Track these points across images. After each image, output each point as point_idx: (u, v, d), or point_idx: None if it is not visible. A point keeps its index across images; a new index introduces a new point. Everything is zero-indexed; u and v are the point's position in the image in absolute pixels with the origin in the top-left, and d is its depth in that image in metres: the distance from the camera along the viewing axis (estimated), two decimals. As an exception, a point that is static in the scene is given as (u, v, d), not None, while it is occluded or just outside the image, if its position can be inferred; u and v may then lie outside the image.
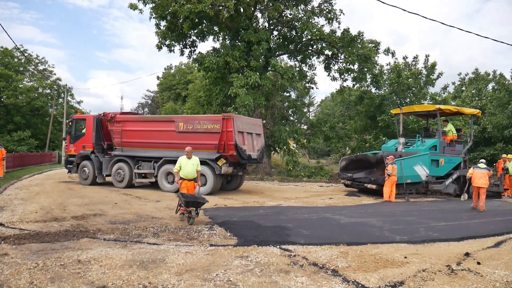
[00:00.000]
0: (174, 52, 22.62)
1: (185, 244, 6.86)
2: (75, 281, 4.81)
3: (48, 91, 43.31)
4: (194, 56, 23.05)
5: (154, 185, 15.76)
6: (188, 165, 9.40)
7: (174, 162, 14.53)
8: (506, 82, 28.52)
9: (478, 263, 6.06)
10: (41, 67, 44.28)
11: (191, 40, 23.09)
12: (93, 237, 7.24)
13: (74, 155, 17.13)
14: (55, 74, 45.16)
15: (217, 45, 23.91)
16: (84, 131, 17.17)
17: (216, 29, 23.16)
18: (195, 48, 23.45)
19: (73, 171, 17.16)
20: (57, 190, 15.01)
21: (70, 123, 17.68)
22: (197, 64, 23.05)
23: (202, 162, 14.12)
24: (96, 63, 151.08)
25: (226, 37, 23.38)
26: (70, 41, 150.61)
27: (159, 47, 22.16)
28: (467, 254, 6.61)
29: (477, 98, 31.42)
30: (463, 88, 34.13)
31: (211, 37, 23.83)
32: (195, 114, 24.85)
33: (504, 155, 18.55)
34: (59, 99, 44.15)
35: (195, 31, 22.48)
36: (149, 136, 15.57)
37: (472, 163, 23.02)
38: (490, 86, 33.31)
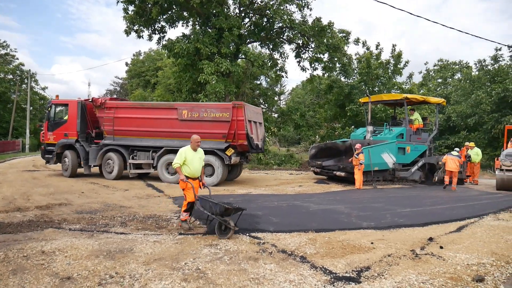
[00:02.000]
0: (142, 37, 22.13)
1: (154, 233, 6.79)
2: (38, 273, 4.68)
3: (11, 76, 41.66)
4: (164, 42, 22.64)
5: (125, 176, 15.46)
6: (195, 160, 7.32)
7: (176, 152, 14.23)
8: (469, 72, 29.44)
9: (441, 247, 6.26)
10: (2, 51, 42.49)
11: (160, 25, 22.62)
12: (58, 227, 7.06)
13: (53, 144, 15.68)
14: (17, 59, 43.48)
15: (187, 31, 23.53)
16: (66, 117, 15.84)
17: (186, 15, 22.75)
18: (165, 34, 23.02)
19: (52, 161, 15.78)
20: (20, 179, 14.55)
21: (49, 108, 16.15)
22: (166, 51, 22.67)
23: (209, 152, 13.84)
24: (60, 48, 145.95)
25: (197, 23, 23.03)
26: (32, 25, 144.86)
27: (127, 33, 21.60)
28: (430, 239, 6.82)
29: (442, 87, 32.30)
30: (432, 74, 34.96)
31: (181, 23, 23.44)
32: (164, 101, 24.43)
33: (467, 143, 19.18)
34: (22, 85, 42.60)
35: (164, 17, 22.03)
36: (147, 124, 14.63)
37: (437, 151, 23.77)
38: (456, 76, 34.33)
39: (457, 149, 15.81)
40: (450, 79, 34.56)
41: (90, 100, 15.39)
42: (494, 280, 4.81)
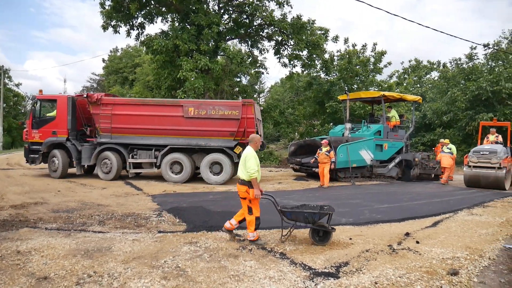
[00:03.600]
0: (119, 33, 21.83)
1: (133, 232, 6.73)
2: (14, 273, 4.59)
3: (-18, 72, 40.48)
4: (142, 39, 22.37)
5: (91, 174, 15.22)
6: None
7: (180, 150, 14.09)
8: (445, 71, 30.05)
9: (417, 242, 6.39)
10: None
11: (138, 21, 22.33)
12: (33, 226, 6.92)
13: (38, 143, 14.59)
14: (-10, 54, 42.18)
15: (165, 27, 23.17)
16: (53, 114, 14.95)
17: (165, 10, 22.51)
18: (143, 30, 22.72)
19: (38, 161, 14.69)
20: (-6, 177, 14.18)
21: (34, 104, 15.02)
22: (145, 47, 22.39)
23: (218, 150, 13.92)
24: (34, 43, 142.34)
25: (176, 19, 22.81)
26: (4, 19, 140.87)
27: (105, 28, 21.24)
28: (407, 234, 6.96)
29: (418, 86, 32.86)
30: (406, 76, 35.59)
31: (159, 19, 23.18)
32: (143, 98, 24.11)
33: (442, 140, 19.59)
34: (-6, 81, 41.44)
35: (142, 12, 21.75)
36: (149, 121, 13.97)
37: (413, 148, 24.20)
38: (433, 75, 34.99)
39: (450, 146, 16.56)
40: (424, 78, 35.20)
41: (85, 95, 14.58)
42: (468, 273, 4.95)
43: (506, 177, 14.25)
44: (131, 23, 21.98)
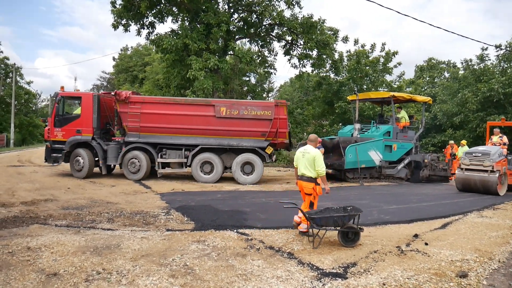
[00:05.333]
0: (129, 31, 21.90)
1: (141, 230, 6.77)
2: (24, 269, 4.64)
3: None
4: (152, 37, 22.47)
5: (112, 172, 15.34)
6: None
7: (211, 150, 14.13)
8: (456, 72, 29.78)
9: (426, 244, 6.35)
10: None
11: (149, 21, 22.43)
12: (44, 223, 7.00)
13: (61, 142, 14.06)
14: (1, 52, 42.69)
15: (175, 26, 23.17)
16: (77, 111, 14.59)
17: (175, 10, 22.58)
18: (154, 29, 22.82)
19: (61, 161, 14.13)
20: (5, 175, 14.35)
21: (58, 102, 14.31)
22: (154, 46, 22.47)
23: (250, 150, 14.03)
24: (44, 41, 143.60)
25: (185, 18, 22.87)
26: (15, 18, 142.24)
27: (115, 27, 21.34)
28: (416, 236, 6.92)
29: (431, 86, 32.58)
30: (423, 75, 35.27)
31: (169, 18, 23.26)
32: (153, 96, 24.20)
33: (451, 142, 19.42)
34: (6, 79, 41.90)
35: (153, 12, 21.83)
36: (179, 120, 13.78)
37: (423, 149, 24.03)
38: (443, 76, 34.69)
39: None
40: (437, 79, 34.89)
41: (113, 93, 14.19)
42: (477, 276, 4.91)
43: (502, 181, 13.21)
44: (141, 22, 22.07)
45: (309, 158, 6.52)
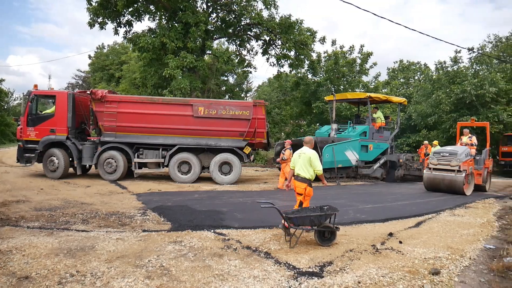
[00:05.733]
0: (105, 29, 21.56)
1: (117, 231, 6.68)
2: (-6, 272, 4.52)
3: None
4: (129, 36, 22.17)
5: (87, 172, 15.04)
6: None
7: (189, 150, 14.00)
8: (431, 73, 30.41)
9: (400, 242, 6.47)
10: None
11: (126, 19, 22.12)
12: (15, 225, 6.82)
13: (34, 141, 13.64)
14: (-28, 49, 41.34)
15: (153, 25, 22.95)
16: (51, 110, 14.09)
17: (153, 8, 22.35)
18: (131, 27, 22.52)
19: (34, 161, 13.72)
20: (-25, 175, 13.91)
21: (31, 101, 13.79)
22: (131, 44, 22.20)
23: (228, 150, 13.98)
24: (17, 38, 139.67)
25: (163, 17, 22.66)
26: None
27: (91, 25, 20.97)
28: (390, 234, 7.04)
29: (405, 87, 33.19)
30: (395, 76, 35.90)
31: (147, 17, 23.00)
32: (130, 95, 23.89)
33: (425, 142, 19.81)
34: (-23, 77, 40.67)
35: (130, 10, 21.55)
36: (157, 120, 13.64)
37: (398, 149, 24.46)
38: (417, 77, 35.41)
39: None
40: (412, 80, 35.57)
41: (88, 92, 13.77)
42: (449, 273, 5.03)
43: (468, 181, 13.32)
44: (118, 20, 21.76)
45: (305, 159, 6.71)
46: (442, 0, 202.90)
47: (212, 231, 6.84)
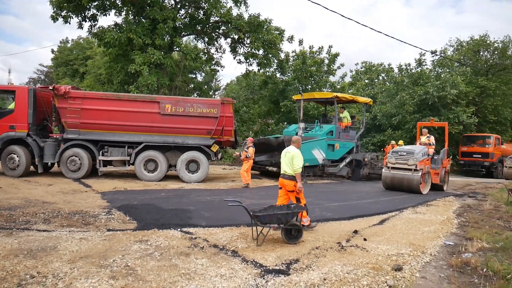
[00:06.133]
0: (70, 23, 20.91)
1: (80, 230, 6.51)
2: None
3: None
4: (94, 31, 21.60)
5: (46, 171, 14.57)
6: None
7: (155, 148, 13.73)
8: (395, 75, 31.22)
9: (365, 239, 6.62)
10: None
11: (91, 13, 21.52)
12: (-29, 225, 6.53)
13: None
14: None
15: (119, 20, 22.38)
16: (11, 106, 13.58)
17: (119, 3, 21.86)
18: (96, 22, 21.93)
19: None
20: None
21: None
22: (97, 39, 21.65)
23: (195, 148, 13.78)
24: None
25: (130, 12, 22.20)
26: None
27: (54, 19, 20.26)
28: (355, 232, 7.19)
29: (370, 88, 33.94)
30: (360, 77, 36.66)
31: (113, 11, 22.45)
32: (95, 91, 23.29)
33: (393, 142, 20.34)
34: None
35: (95, 3, 20.98)
36: (122, 117, 13.35)
37: (363, 148, 24.98)
38: (381, 77, 36.27)
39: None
40: (376, 80, 36.42)
41: (51, 88, 13.30)
42: (411, 269, 5.19)
43: (425, 180, 13.68)
44: (83, 14, 21.15)
45: (289, 157, 7.00)
46: (407, 3, 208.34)
47: (179, 230, 6.78)
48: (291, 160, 6.95)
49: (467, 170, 26.20)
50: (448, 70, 27.59)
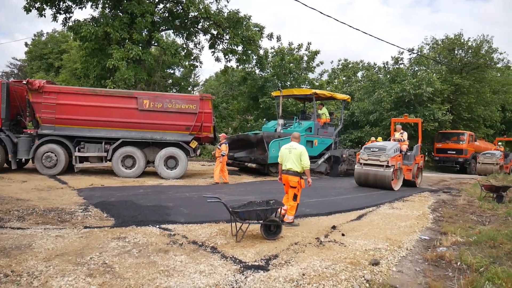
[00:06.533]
0: (45, 16, 20.37)
1: (56, 228, 6.38)
2: None
3: None
4: (70, 24, 21.10)
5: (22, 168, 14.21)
6: None
7: (133, 144, 13.53)
8: (372, 72, 31.64)
9: (343, 235, 6.71)
10: None
11: (66, 5, 21.00)
12: None
13: None
14: None
15: (96, 13, 21.94)
16: None
17: (95, -5, 21.40)
18: (71, 14, 21.42)
19: None
20: None
21: None
22: (72, 33, 21.19)
23: (174, 144, 13.65)
24: None
25: (107, 5, 21.78)
26: None
27: (28, 10, 19.68)
28: (334, 227, 7.27)
29: (347, 85, 34.32)
30: (337, 74, 37.02)
31: (89, 4, 21.98)
32: (71, 86, 22.82)
33: (372, 138, 20.61)
34: None
35: (70, -5, 20.49)
36: (99, 112, 13.12)
37: (342, 145, 25.27)
38: (359, 74, 36.72)
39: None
40: (353, 77, 36.87)
41: (24, 82, 12.96)
42: (387, 263, 5.28)
43: (397, 176, 13.72)
44: (57, 6, 20.64)
45: (296, 154, 7.15)
46: (385, 1, 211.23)
47: (157, 226, 6.72)
48: (299, 156, 7.10)
49: (442, 166, 26.81)
50: (424, 68, 28.12)
